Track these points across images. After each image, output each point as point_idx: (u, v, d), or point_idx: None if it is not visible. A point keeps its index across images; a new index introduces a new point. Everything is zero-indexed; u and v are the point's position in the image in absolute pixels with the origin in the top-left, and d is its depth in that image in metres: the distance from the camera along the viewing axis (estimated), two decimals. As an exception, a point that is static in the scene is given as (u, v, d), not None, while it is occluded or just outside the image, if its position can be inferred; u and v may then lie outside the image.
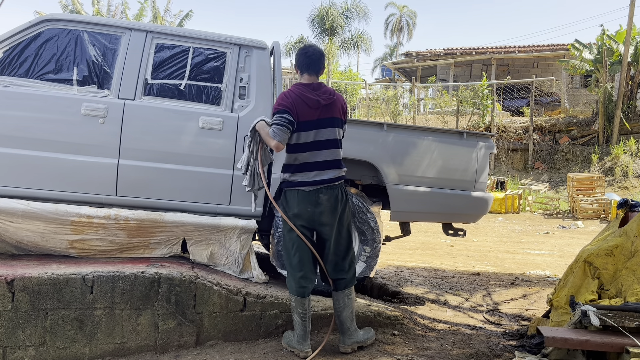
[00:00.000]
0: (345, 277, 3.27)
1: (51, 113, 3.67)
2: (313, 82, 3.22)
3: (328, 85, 3.11)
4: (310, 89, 3.17)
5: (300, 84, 3.21)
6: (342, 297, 3.26)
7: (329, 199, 3.15)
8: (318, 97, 3.15)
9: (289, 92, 3.16)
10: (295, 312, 3.20)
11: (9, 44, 3.68)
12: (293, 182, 3.16)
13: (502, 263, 7.08)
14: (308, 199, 3.13)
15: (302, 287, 3.18)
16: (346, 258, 3.28)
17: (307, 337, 3.21)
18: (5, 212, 3.44)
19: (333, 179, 3.17)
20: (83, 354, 3.18)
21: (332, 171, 3.17)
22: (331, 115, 3.18)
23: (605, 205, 12.21)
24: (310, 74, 3.22)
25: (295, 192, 3.15)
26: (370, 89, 25.75)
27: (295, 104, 3.11)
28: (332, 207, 3.16)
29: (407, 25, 45.20)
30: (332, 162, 3.19)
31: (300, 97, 3.12)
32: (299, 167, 3.15)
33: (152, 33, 3.88)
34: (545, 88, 20.13)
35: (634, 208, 3.75)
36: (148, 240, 3.69)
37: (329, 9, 28.24)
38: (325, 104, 3.16)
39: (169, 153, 3.78)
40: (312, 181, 3.13)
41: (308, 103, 3.12)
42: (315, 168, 3.14)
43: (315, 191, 3.13)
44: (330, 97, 3.20)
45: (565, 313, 3.31)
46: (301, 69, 3.24)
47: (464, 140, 4.32)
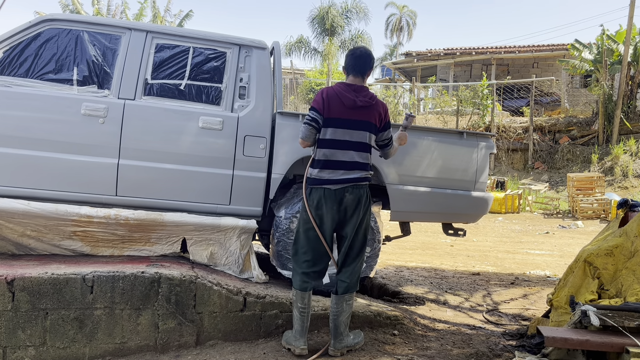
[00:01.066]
0: (348, 281, 3.24)
1: (51, 113, 3.67)
2: (356, 83, 3.22)
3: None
4: (351, 89, 3.17)
5: (343, 83, 3.23)
6: (341, 302, 3.24)
7: (354, 198, 3.16)
8: (356, 97, 3.14)
9: (329, 88, 3.19)
10: (295, 307, 3.21)
11: (9, 44, 3.68)
12: (320, 180, 3.16)
13: (502, 263, 7.08)
14: (334, 197, 3.14)
15: (305, 282, 3.19)
16: (355, 261, 3.27)
17: (304, 333, 3.20)
18: (5, 212, 3.44)
19: (359, 178, 3.17)
20: (83, 353, 3.18)
21: (358, 171, 3.18)
22: (365, 118, 3.17)
23: (605, 205, 12.21)
24: (355, 75, 3.22)
25: (322, 191, 3.16)
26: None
27: (329, 100, 3.12)
28: (356, 206, 3.17)
29: (407, 25, 45.20)
30: (360, 163, 3.19)
31: (337, 95, 3.14)
32: (327, 163, 3.16)
33: (152, 33, 3.88)
34: (545, 88, 20.13)
35: (634, 208, 3.75)
36: (149, 235, 3.70)
37: (329, 9, 28.24)
38: (361, 106, 3.15)
39: (169, 153, 3.78)
40: (339, 179, 3.14)
41: (344, 101, 3.12)
42: (343, 167, 3.15)
43: (342, 190, 3.14)
44: (369, 101, 3.17)
45: (565, 313, 3.31)
46: (347, 69, 3.25)
47: (464, 140, 4.32)
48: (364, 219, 3.24)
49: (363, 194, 3.20)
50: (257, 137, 3.89)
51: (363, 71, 3.23)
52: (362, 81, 3.25)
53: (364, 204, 3.20)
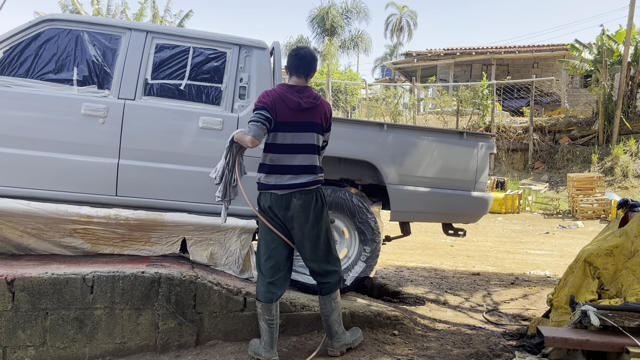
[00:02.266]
0: (329, 281, 3.20)
1: (51, 113, 3.67)
2: (300, 84, 3.13)
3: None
4: (294, 91, 3.08)
5: (284, 85, 3.13)
6: (328, 302, 3.21)
7: (302, 204, 3.07)
8: (300, 99, 3.06)
9: (271, 90, 3.11)
10: (262, 319, 3.10)
11: (9, 44, 3.68)
12: (267, 185, 3.10)
13: (502, 263, 7.08)
14: (280, 202, 3.07)
15: (270, 293, 3.10)
16: (327, 263, 3.20)
17: (274, 344, 3.11)
18: (5, 212, 3.44)
19: (307, 183, 3.09)
20: (83, 353, 3.18)
21: (306, 176, 3.09)
22: (311, 120, 3.09)
23: (605, 205, 12.21)
24: (298, 76, 3.13)
25: (268, 195, 3.10)
26: (370, 89, 25.76)
27: (275, 103, 3.02)
28: (304, 211, 3.08)
29: (407, 25, 45.20)
30: (308, 167, 3.10)
31: (281, 97, 3.04)
32: (273, 168, 3.09)
33: (152, 33, 3.88)
34: (545, 88, 20.13)
35: (634, 208, 3.75)
36: (149, 235, 3.69)
37: (329, 9, 28.26)
38: (306, 108, 3.07)
39: (169, 153, 3.78)
40: (285, 184, 3.06)
41: (288, 104, 3.04)
42: (290, 171, 3.07)
43: (288, 195, 3.07)
44: (313, 101, 3.10)
45: (565, 313, 3.31)
46: (290, 70, 3.15)
47: (464, 140, 4.32)
48: (319, 222, 3.14)
49: (312, 198, 3.10)
50: (257, 137, 3.88)
51: (307, 72, 3.14)
52: (305, 82, 3.16)
53: (313, 208, 3.10)
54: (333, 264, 3.23)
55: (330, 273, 3.22)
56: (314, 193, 3.13)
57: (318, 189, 3.17)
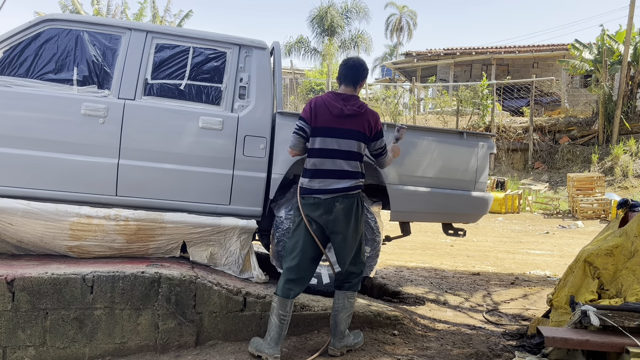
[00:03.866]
0: (351, 281, 3.30)
1: (51, 113, 3.67)
2: (347, 92, 3.20)
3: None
4: (340, 98, 3.16)
5: (332, 92, 3.22)
6: (342, 297, 3.27)
7: (344, 208, 3.13)
8: (344, 106, 3.12)
9: (318, 97, 3.21)
10: (275, 314, 3.13)
11: (9, 44, 3.68)
12: (310, 189, 3.16)
13: (502, 263, 7.08)
14: (324, 206, 3.13)
15: (289, 290, 3.14)
16: (355, 265, 3.29)
17: (280, 341, 3.13)
18: (5, 212, 3.44)
19: (349, 187, 3.15)
20: (83, 353, 3.18)
21: (348, 180, 3.15)
22: (354, 127, 3.14)
23: (605, 205, 12.21)
24: (346, 85, 3.22)
25: (311, 199, 3.15)
26: (370, 89, 25.75)
27: (317, 109, 3.13)
28: (346, 216, 3.14)
29: (407, 25, 45.19)
30: (350, 172, 3.16)
31: (325, 103, 3.14)
32: (316, 172, 3.15)
33: (152, 33, 3.88)
34: (545, 88, 20.13)
35: (634, 208, 3.75)
36: (147, 245, 3.69)
37: (328, 8, 28.27)
38: (349, 114, 3.13)
39: (169, 153, 3.78)
40: (329, 189, 3.13)
41: (331, 110, 3.12)
42: (333, 176, 3.13)
43: (332, 199, 3.12)
44: (357, 110, 3.15)
45: (565, 313, 3.31)
46: (339, 79, 3.24)
47: (464, 140, 4.32)
48: (357, 227, 3.22)
49: (354, 202, 3.17)
50: (257, 137, 3.89)
51: (355, 81, 3.22)
52: (354, 91, 3.23)
53: (354, 213, 3.18)
54: (359, 267, 3.31)
55: (353, 274, 3.30)
56: (356, 197, 3.19)
57: (359, 194, 3.23)
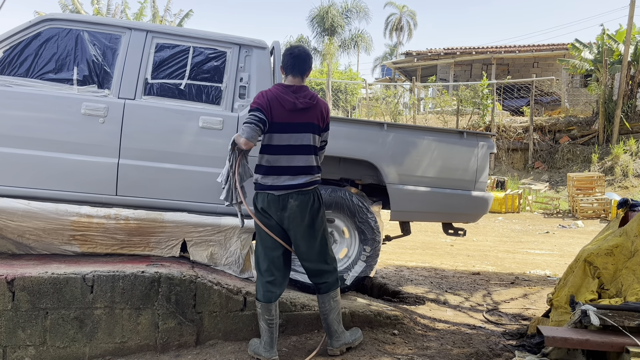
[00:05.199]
0: (327, 280, 3.20)
1: (51, 113, 3.67)
2: (295, 84, 3.10)
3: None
4: (290, 91, 3.06)
5: (280, 85, 3.11)
6: (327, 300, 3.21)
7: (299, 205, 3.05)
8: (296, 99, 3.03)
9: (267, 91, 3.09)
10: (262, 319, 3.10)
11: (9, 44, 3.68)
12: (264, 185, 3.09)
13: (502, 262, 7.08)
14: (277, 202, 3.05)
15: (269, 292, 3.09)
16: (324, 263, 3.20)
17: (274, 344, 3.11)
18: (5, 211, 3.44)
19: (304, 184, 3.07)
20: (83, 353, 3.18)
21: (304, 176, 3.08)
22: (308, 120, 3.07)
23: (605, 204, 12.21)
24: (294, 76, 3.11)
25: (265, 195, 3.08)
26: (370, 89, 25.76)
27: (270, 104, 3.01)
28: (301, 212, 3.06)
29: (407, 25, 45.20)
30: (305, 167, 3.08)
31: (276, 98, 3.02)
32: (270, 169, 3.07)
33: (152, 33, 3.88)
34: (545, 88, 20.13)
35: (634, 208, 3.75)
36: (148, 239, 3.69)
37: (328, 8, 28.25)
38: (302, 108, 3.04)
39: (169, 153, 3.78)
40: (282, 185, 3.05)
41: (284, 104, 3.01)
42: (287, 172, 3.06)
43: (285, 196, 3.05)
44: (309, 101, 3.07)
45: (565, 312, 3.31)
46: (285, 69, 3.12)
47: (464, 140, 4.32)
48: (315, 223, 3.13)
49: (309, 199, 3.09)
50: (257, 137, 3.88)
51: (302, 71, 3.12)
52: (302, 81, 3.13)
53: (310, 209, 3.09)
54: (330, 263, 3.23)
55: (327, 272, 3.21)
56: (311, 193, 3.12)
57: (315, 190, 3.15)
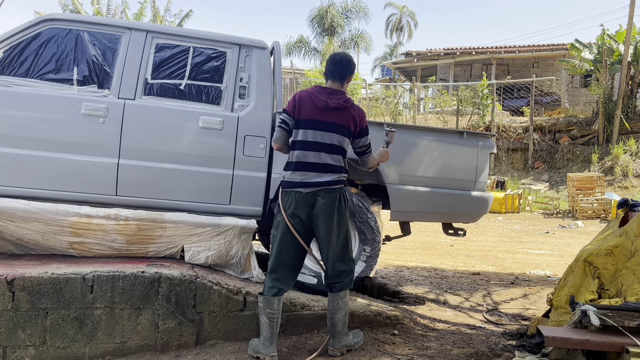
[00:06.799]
0: (342, 280, 3.23)
1: (51, 113, 3.67)
2: (333, 87, 3.19)
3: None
4: (325, 92, 3.15)
5: (318, 86, 3.23)
6: (336, 299, 3.23)
7: (327, 203, 3.10)
8: (328, 99, 3.11)
9: (303, 91, 3.21)
10: (263, 313, 3.11)
11: (8, 44, 3.68)
12: (292, 183, 3.14)
13: (502, 263, 7.08)
14: (305, 200, 3.10)
15: (273, 288, 3.12)
16: (342, 262, 3.23)
17: (274, 340, 3.11)
18: (5, 212, 3.44)
19: (332, 181, 3.12)
20: (83, 353, 3.18)
21: (331, 174, 3.13)
22: (338, 121, 3.13)
23: (605, 204, 12.21)
24: (333, 80, 3.21)
25: (293, 194, 3.13)
26: (370, 89, 25.75)
27: (301, 102, 3.13)
28: (328, 210, 3.11)
29: (407, 25, 45.19)
30: (333, 166, 3.14)
31: (310, 96, 3.13)
32: (299, 165, 3.13)
33: (152, 33, 3.88)
34: (545, 88, 20.14)
35: (634, 208, 3.75)
36: (147, 248, 3.68)
37: (328, 8, 28.26)
38: (333, 107, 3.11)
39: (169, 153, 3.78)
40: (311, 182, 3.10)
41: (316, 102, 3.11)
42: (315, 169, 3.11)
43: (313, 193, 3.10)
44: (342, 103, 3.14)
45: (565, 313, 3.31)
46: (326, 74, 3.23)
47: (464, 140, 4.32)
48: (341, 223, 3.17)
49: (336, 197, 3.13)
50: (257, 137, 3.89)
51: (342, 76, 3.21)
52: (340, 86, 3.22)
53: (337, 208, 3.14)
54: (348, 264, 3.26)
55: (344, 272, 3.24)
56: (338, 192, 3.16)
57: (342, 189, 3.20)
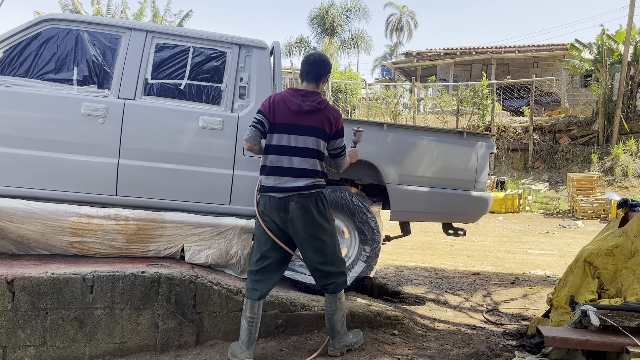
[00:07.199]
0: (335, 281, 3.18)
1: (51, 113, 3.67)
2: (308, 89, 3.13)
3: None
4: (299, 95, 3.09)
5: (291, 88, 3.14)
6: (333, 301, 3.20)
7: (301, 208, 3.03)
8: (302, 102, 3.05)
9: (276, 94, 3.15)
10: (244, 316, 3.08)
11: (9, 44, 3.68)
12: (266, 187, 3.08)
13: (502, 263, 7.08)
14: (279, 205, 3.04)
15: (254, 290, 3.08)
16: (331, 265, 3.17)
17: (251, 345, 3.08)
18: (5, 212, 3.44)
19: (305, 186, 3.05)
20: (83, 353, 3.18)
21: (305, 179, 3.05)
22: (312, 124, 3.06)
23: (605, 205, 12.21)
24: (308, 81, 3.15)
25: (267, 198, 3.07)
26: (370, 89, 25.75)
27: (275, 105, 3.05)
28: (303, 215, 3.03)
29: (407, 25, 45.20)
30: (307, 170, 3.06)
31: (283, 99, 3.06)
32: (272, 169, 3.07)
33: (152, 33, 3.88)
34: (545, 88, 20.13)
35: (634, 208, 3.75)
36: (147, 247, 3.68)
37: (328, 8, 28.25)
38: (308, 110, 3.04)
39: (169, 153, 3.78)
40: (284, 187, 3.04)
41: (290, 106, 3.04)
42: (289, 174, 3.04)
43: (286, 198, 3.03)
44: (317, 106, 3.07)
45: (565, 313, 3.31)
46: (301, 75, 3.18)
47: (464, 140, 4.32)
48: (322, 226, 3.10)
49: (311, 202, 3.06)
50: (257, 137, 3.88)
51: (317, 77, 3.14)
52: (316, 87, 3.15)
53: (315, 212, 3.06)
54: (338, 266, 3.21)
55: (335, 274, 3.19)
56: (314, 197, 3.09)
57: (318, 193, 3.13)
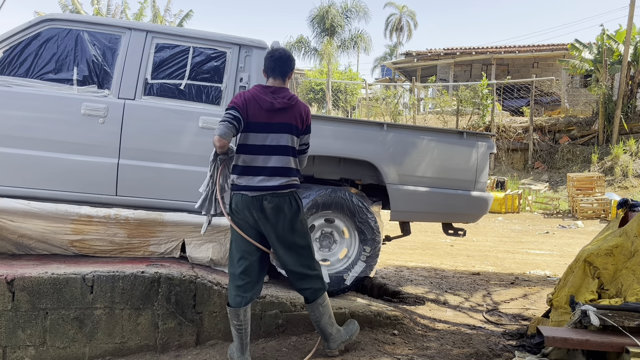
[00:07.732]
0: (310, 287, 3.11)
1: (51, 113, 3.67)
2: (276, 85, 3.07)
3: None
4: (268, 92, 3.02)
5: (259, 85, 3.08)
6: (315, 308, 3.14)
7: (274, 207, 2.97)
8: (273, 99, 2.99)
9: (245, 91, 3.06)
10: (231, 324, 3.04)
11: (8, 44, 3.68)
12: (239, 186, 3.03)
13: (502, 263, 7.08)
14: (252, 204, 2.97)
15: (238, 296, 3.01)
16: (306, 268, 3.10)
17: (245, 349, 3.05)
18: (5, 212, 3.44)
19: (280, 186, 2.99)
20: (83, 353, 3.18)
21: (279, 178, 3.00)
22: (285, 120, 3.01)
23: (605, 205, 12.21)
24: (275, 77, 3.08)
25: (239, 196, 3.00)
26: (370, 89, 25.76)
27: (247, 103, 2.97)
28: (276, 215, 2.98)
29: (407, 25, 45.19)
30: (281, 169, 3.01)
31: (254, 97, 2.98)
32: (245, 169, 3.00)
33: (152, 33, 3.88)
34: (545, 88, 20.13)
35: (634, 208, 3.75)
36: (148, 241, 3.69)
37: (328, 8, 28.22)
38: (280, 108, 2.99)
39: (169, 153, 3.78)
40: (256, 186, 2.97)
41: (261, 104, 2.97)
42: (263, 173, 2.98)
43: (260, 197, 2.97)
44: (288, 102, 3.02)
45: (565, 313, 3.32)
46: (267, 71, 3.10)
47: (464, 140, 4.32)
48: (296, 227, 3.04)
49: (285, 202, 3.00)
50: (257, 137, 3.88)
51: (284, 73, 3.08)
52: (283, 83, 3.09)
53: (287, 212, 3.00)
54: (313, 268, 3.13)
55: (309, 278, 3.11)
56: (287, 196, 3.03)
57: (292, 193, 3.07)
